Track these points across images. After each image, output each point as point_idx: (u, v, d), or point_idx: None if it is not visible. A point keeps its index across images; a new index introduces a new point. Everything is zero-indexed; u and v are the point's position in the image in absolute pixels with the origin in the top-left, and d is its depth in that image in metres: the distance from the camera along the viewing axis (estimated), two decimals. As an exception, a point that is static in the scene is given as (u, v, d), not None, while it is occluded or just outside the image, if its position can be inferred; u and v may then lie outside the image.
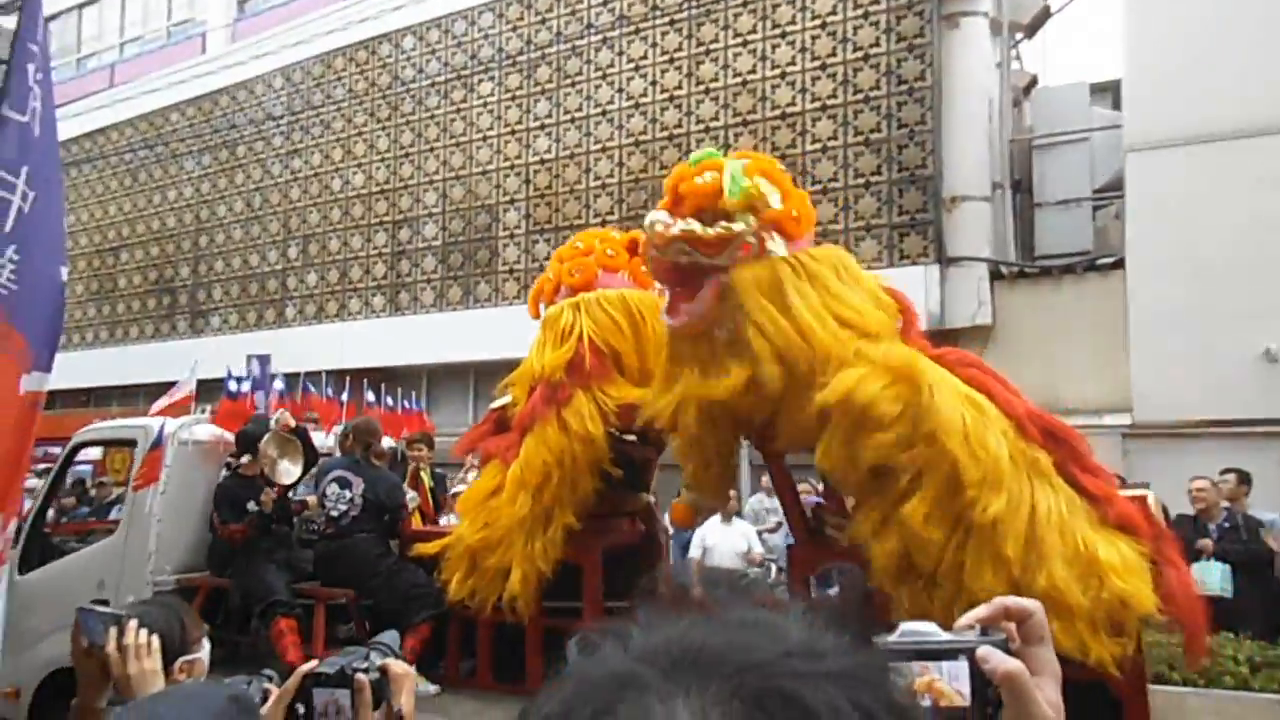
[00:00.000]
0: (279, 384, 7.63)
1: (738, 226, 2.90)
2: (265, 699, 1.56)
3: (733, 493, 8.46)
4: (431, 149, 13.48)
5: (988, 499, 2.37)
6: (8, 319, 2.54)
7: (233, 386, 7.33)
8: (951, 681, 0.68)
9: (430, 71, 13.43)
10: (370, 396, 10.26)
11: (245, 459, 5.08)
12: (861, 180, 10.54)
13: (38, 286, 2.60)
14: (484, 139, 12.99)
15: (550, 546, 3.39)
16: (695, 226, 2.94)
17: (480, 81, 13.03)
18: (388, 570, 4.32)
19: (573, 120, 12.26)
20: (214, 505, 5.03)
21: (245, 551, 4.77)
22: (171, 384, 8.64)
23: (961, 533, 2.43)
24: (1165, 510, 3.38)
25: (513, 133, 12.72)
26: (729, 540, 8.29)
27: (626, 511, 3.93)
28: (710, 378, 2.92)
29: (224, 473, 5.34)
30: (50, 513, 6.66)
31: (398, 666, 1.40)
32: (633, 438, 3.67)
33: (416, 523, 5.19)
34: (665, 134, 11.65)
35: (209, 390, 9.87)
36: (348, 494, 4.66)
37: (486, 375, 13.09)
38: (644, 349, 3.65)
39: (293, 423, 5.22)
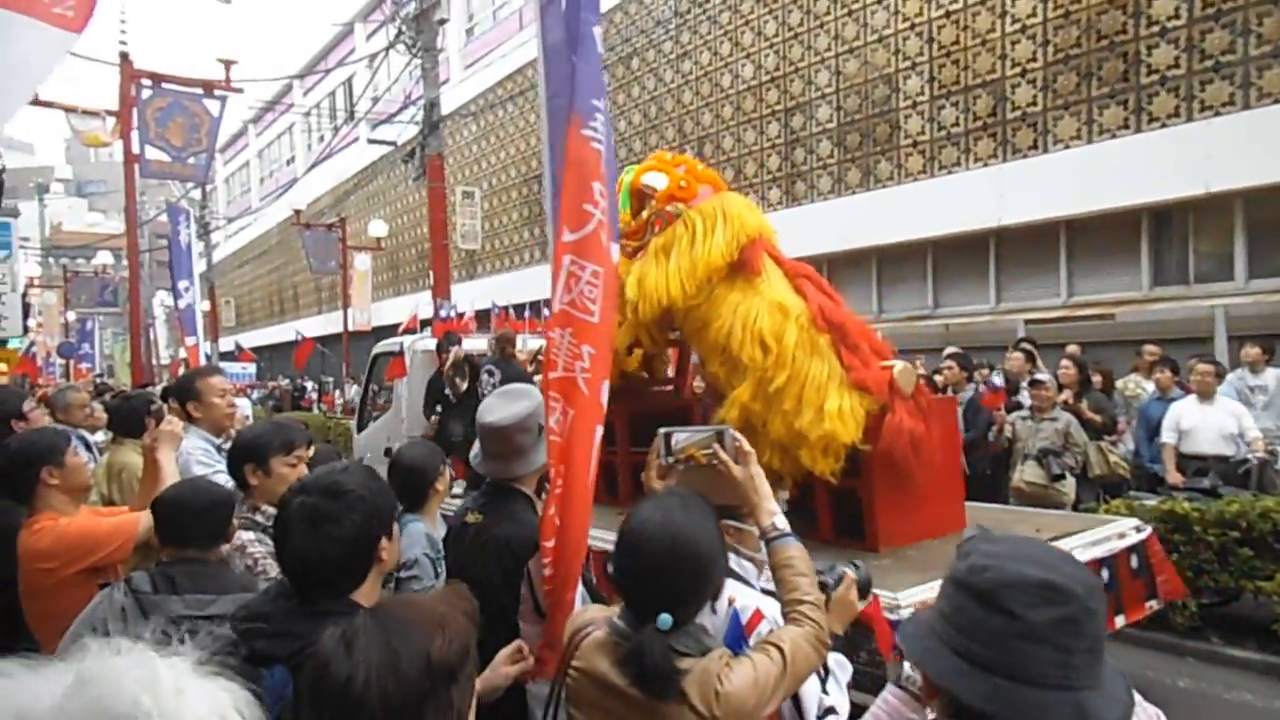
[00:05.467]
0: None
1: (645, 213, 4.11)
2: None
3: (1207, 366, 6.97)
4: (822, 24, 12.80)
5: (775, 375, 3.54)
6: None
7: (443, 314, 10.82)
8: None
9: (815, -59, 12.67)
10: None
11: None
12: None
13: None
14: (879, 2, 12.00)
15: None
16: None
17: (871, -62, 11.99)
18: None
19: (984, -45, 10.78)
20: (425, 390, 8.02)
21: (443, 416, 7.56)
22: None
23: (765, 399, 3.59)
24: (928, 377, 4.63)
25: (912, -13, 11.56)
26: (1212, 421, 6.87)
27: (659, 385, 5.07)
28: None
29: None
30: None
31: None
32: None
33: None
34: (1102, -50, 9.74)
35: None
36: (493, 380, 6.92)
37: (891, 259, 12.41)
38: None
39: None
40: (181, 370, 10.36)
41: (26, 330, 20.38)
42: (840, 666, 2.03)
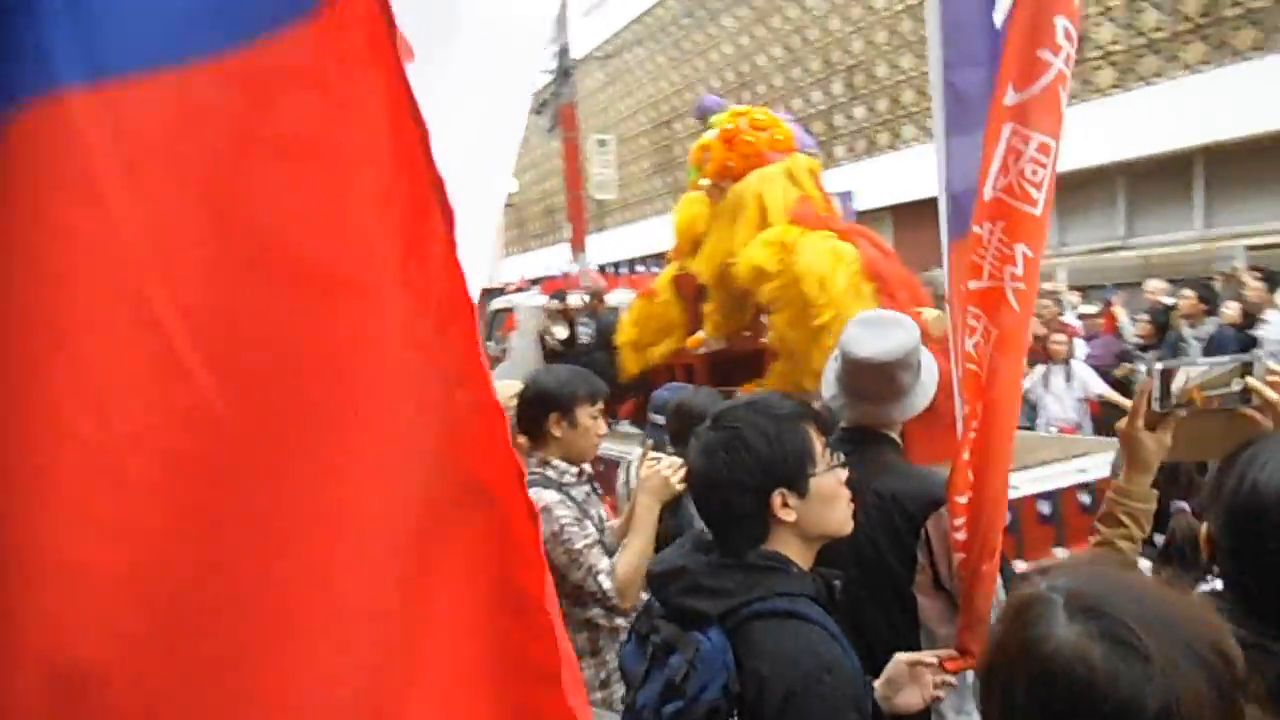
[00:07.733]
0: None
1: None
2: None
3: None
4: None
5: (822, 312, 4.18)
6: None
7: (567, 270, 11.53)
8: None
9: None
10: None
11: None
12: None
13: None
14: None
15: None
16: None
17: None
18: (611, 374, 5.91)
19: None
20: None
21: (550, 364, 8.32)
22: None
23: (808, 331, 4.24)
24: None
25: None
26: None
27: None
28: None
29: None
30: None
31: None
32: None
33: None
34: None
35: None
36: (587, 331, 7.66)
37: (1072, 187, 11.35)
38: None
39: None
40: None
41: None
42: None
